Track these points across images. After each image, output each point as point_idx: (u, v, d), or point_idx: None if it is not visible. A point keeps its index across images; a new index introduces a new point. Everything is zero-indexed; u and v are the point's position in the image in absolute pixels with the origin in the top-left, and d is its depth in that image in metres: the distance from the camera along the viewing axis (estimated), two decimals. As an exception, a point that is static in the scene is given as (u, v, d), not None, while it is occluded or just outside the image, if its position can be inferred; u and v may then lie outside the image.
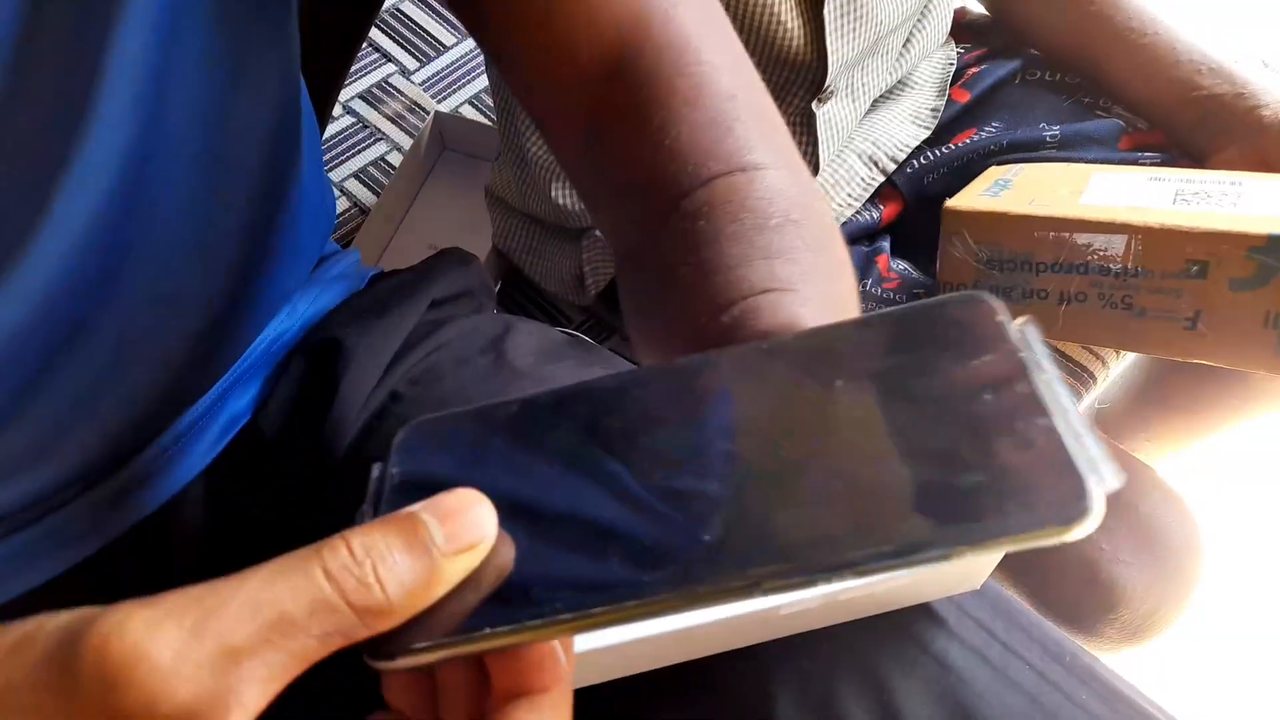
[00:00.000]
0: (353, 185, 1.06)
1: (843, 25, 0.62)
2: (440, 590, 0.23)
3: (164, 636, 0.20)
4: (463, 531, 0.23)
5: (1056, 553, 0.59)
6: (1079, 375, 0.75)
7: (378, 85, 1.14)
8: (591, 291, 0.80)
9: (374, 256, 0.96)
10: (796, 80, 0.64)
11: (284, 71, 0.41)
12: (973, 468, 0.23)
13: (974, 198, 0.64)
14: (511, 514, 0.25)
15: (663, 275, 0.36)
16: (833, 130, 0.68)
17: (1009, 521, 0.22)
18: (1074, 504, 0.22)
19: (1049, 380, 0.24)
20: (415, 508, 0.23)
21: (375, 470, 0.28)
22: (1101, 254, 0.57)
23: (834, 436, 0.25)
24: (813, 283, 0.33)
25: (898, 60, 0.72)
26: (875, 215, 0.74)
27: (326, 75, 0.77)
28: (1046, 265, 0.60)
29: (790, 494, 0.24)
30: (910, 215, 0.75)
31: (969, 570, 0.42)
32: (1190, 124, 0.70)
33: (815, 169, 0.69)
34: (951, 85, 0.78)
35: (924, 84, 0.77)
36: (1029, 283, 0.61)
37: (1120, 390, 0.94)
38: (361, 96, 1.13)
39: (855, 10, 0.62)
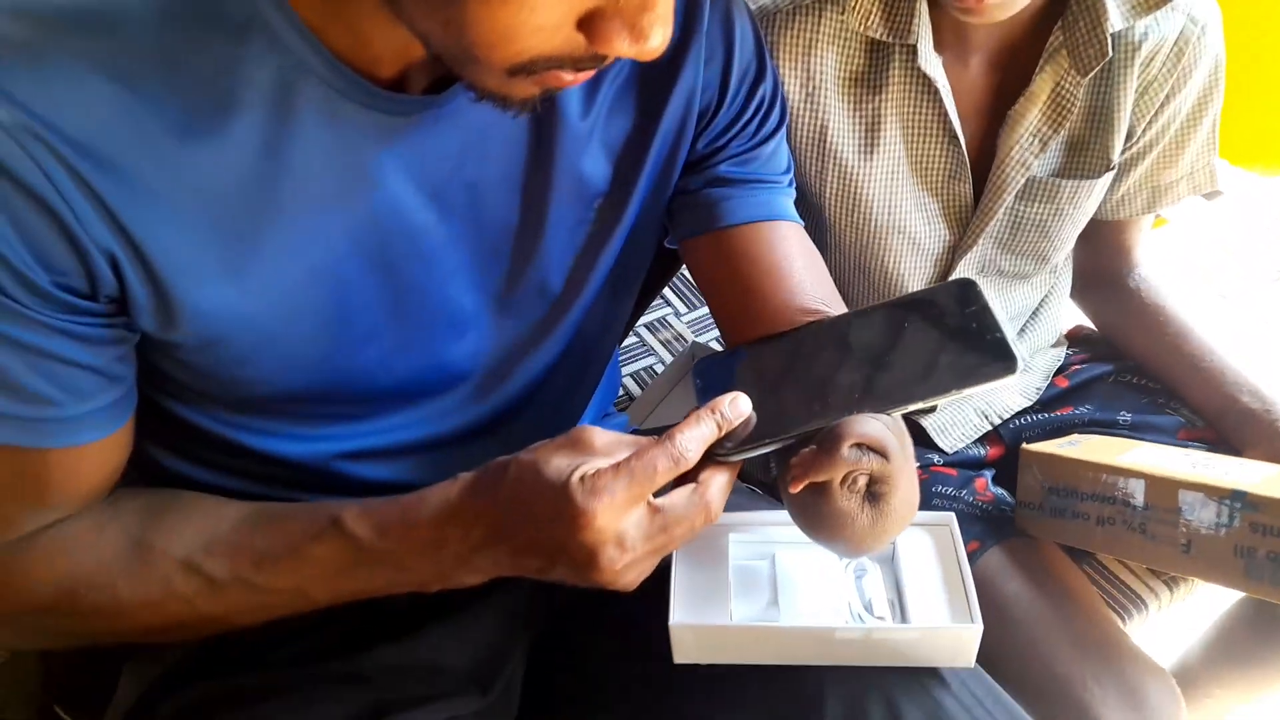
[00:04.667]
0: (629, 382, 1.35)
1: None
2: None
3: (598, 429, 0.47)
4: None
5: (1051, 687, 0.70)
6: (1135, 602, 0.86)
7: (658, 320, 1.45)
8: (774, 474, 1.00)
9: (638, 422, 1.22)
10: None
11: (631, 303, 0.68)
12: (964, 352, 0.46)
13: (1045, 445, 0.80)
14: (753, 388, 0.48)
15: None
16: None
17: (986, 371, 0.45)
18: (1012, 362, 0.44)
19: (998, 312, 0.47)
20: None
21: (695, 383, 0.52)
22: (1124, 492, 0.72)
23: (898, 351, 0.48)
24: None
25: None
26: (982, 452, 0.90)
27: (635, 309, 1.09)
28: (1087, 495, 0.74)
29: (879, 375, 0.47)
30: (1011, 458, 0.91)
31: (961, 647, 0.57)
32: (1230, 428, 0.83)
33: (933, 407, 0.88)
34: (1056, 375, 0.96)
35: (1035, 370, 0.95)
36: (1075, 507, 0.75)
37: (1197, 645, 0.99)
38: (645, 325, 1.45)
39: None
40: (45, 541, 0.50)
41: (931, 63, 0.71)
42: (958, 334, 0.47)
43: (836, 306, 0.61)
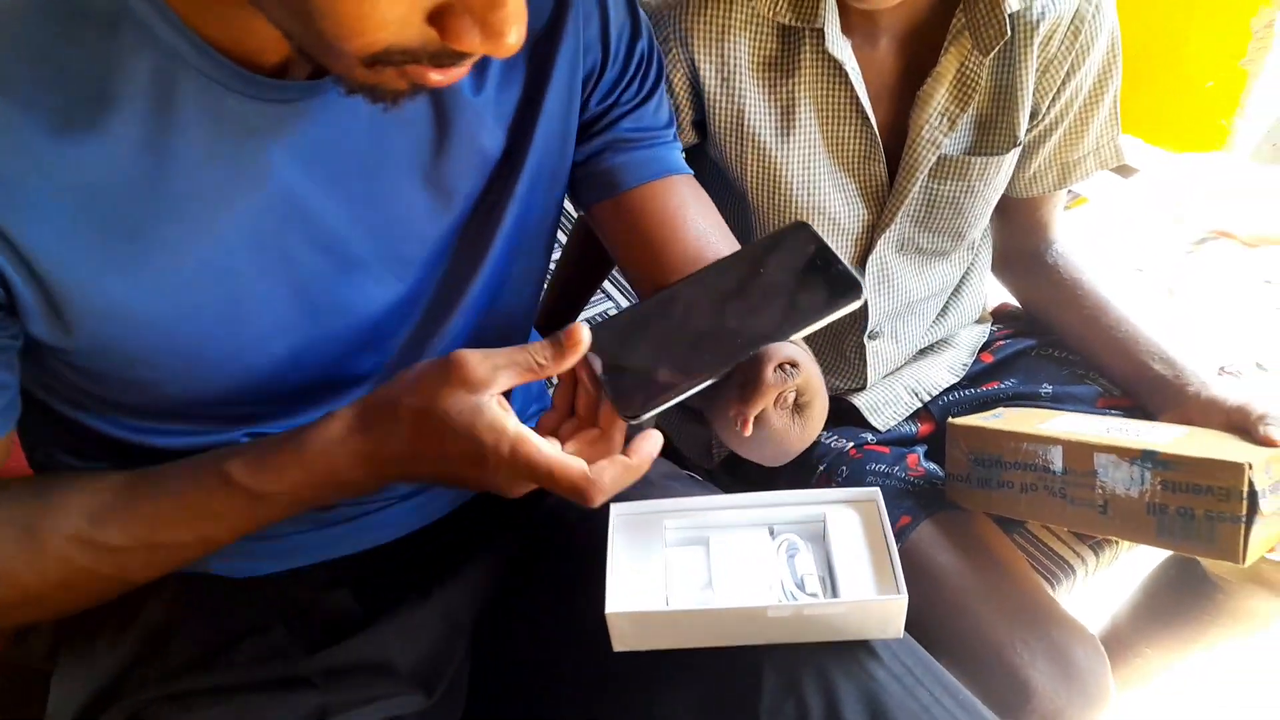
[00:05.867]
0: (571, 377, 1.36)
1: (879, 289, 0.85)
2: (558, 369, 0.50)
3: (472, 355, 0.47)
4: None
5: (982, 652, 0.72)
6: (1064, 568, 0.88)
7: (599, 315, 1.46)
8: (715, 460, 1.01)
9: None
10: (850, 323, 0.87)
11: (539, 278, 0.69)
12: (817, 288, 0.50)
13: (970, 418, 0.82)
14: (645, 350, 0.51)
15: None
16: (879, 360, 0.89)
17: (834, 304, 0.49)
18: (857, 290, 0.48)
19: (832, 249, 0.51)
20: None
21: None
22: (1044, 459, 0.74)
23: (761, 295, 0.52)
24: None
25: (935, 323, 0.93)
26: (913, 429, 0.92)
27: (574, 306, 1.09)
28: (1010, 464, 0.76)
29: (733, 322, 0.51)
30: (942, 433, 0.93)
31: (889, 618, 0.58)
32: (1144, 394, 0.86)
33: (864, 385, 0.90)
34: (982, 351, 0.98)
35: (961, 346, 0.97)
36: (1000, 476, 0.77)
37: (1125, 607, 1.03)
38: (585, 320, 1.46)
39: (888, 281, 0.85)
40: None
41: (839, 45, 0.72)
42: (807, 272, 0.51)
43: (733, 247, 0.65)
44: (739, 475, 0.98)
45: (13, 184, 0.42)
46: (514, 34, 0.39)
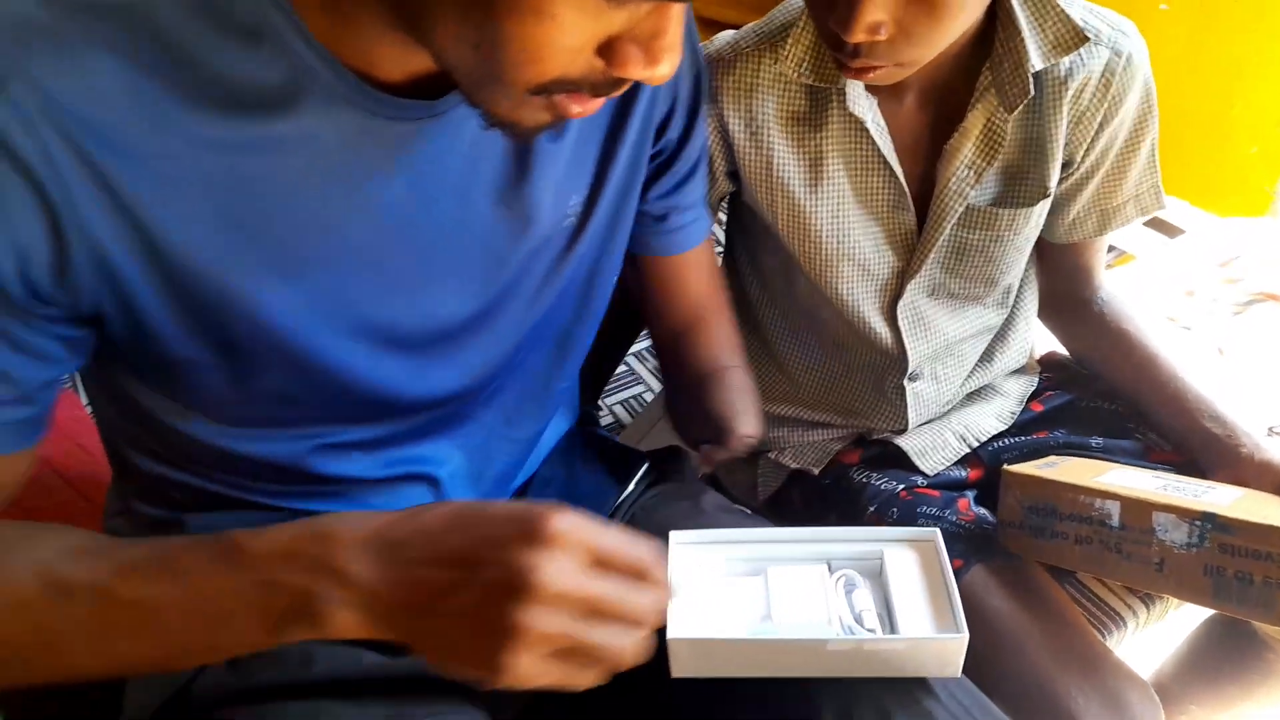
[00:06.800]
0: (619, 409, 1.36)
1: (914, 332, 0.85)
2: None
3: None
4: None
5: (1036, 698, 0.71)
6: (1115, 619, 0.87)
7: (647, 349, 1.47)
8: (761, 498, 1.01)
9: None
10: (890, 365, 0.87)
11: (606, 295, 0.71)
12: None
13: (1024, 466, 0.82)
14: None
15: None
16: (920, 402, 0.89)
17: None
18: None
19: None
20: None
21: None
22: (1100, 512, 0.73)
23: None
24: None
25: (979, 368, 0.93)
26: (963, 474, 0.92)
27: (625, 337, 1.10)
28: (1065, 516, 0.76)
29: None
30: (991, 479, 0.92)
31: (949, 657, 0.57)
32: (1195, 450, 0.85)
33: (905, 427, 0.90)
34: (1031, 400, 0.98)
35: (1009, 394, 0.96)
36: (1054, 527, 0.77)
37: (1170, 663, 1.01)
38: (634, 354, 1.47)
39: (923, 323, 0.85)
40: None
41: (861, 105, 0.74)
42: None
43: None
44: (784, 514, 0.98)
45: (153, 170, 0.44)
46: (668, 63, 0.41)
